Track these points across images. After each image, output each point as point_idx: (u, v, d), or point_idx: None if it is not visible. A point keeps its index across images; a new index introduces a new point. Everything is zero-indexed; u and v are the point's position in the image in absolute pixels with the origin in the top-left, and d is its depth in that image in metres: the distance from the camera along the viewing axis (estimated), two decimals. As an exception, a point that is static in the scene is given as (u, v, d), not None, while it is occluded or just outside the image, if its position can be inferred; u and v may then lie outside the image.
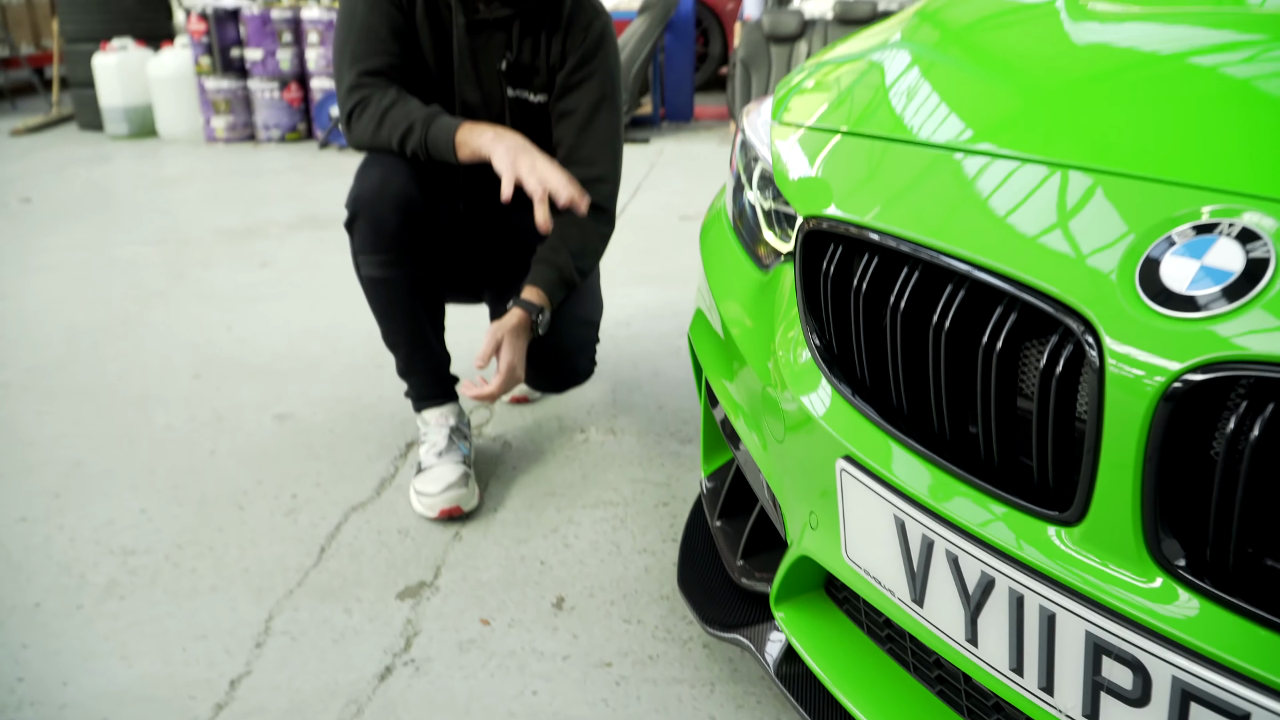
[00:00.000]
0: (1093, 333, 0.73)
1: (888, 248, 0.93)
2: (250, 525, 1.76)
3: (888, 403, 0.96)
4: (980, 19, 1.25)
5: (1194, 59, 0.95)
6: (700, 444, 1.57)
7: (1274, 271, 0.67)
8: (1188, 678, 0.68)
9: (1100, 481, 0.73)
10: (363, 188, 1.67)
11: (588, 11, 1.79)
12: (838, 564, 1.03)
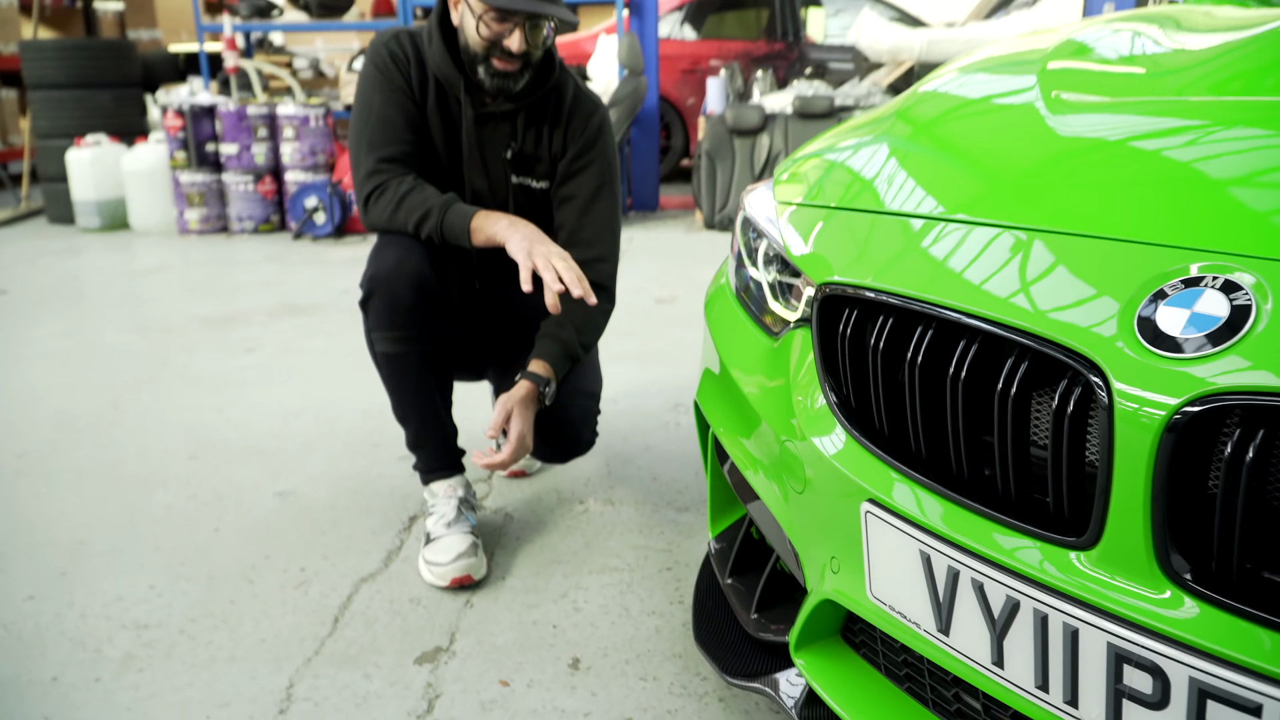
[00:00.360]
0: (1101, 376, 0.83)
1: (905, 308, 1.03)
2: (262, 598, 1.79)
3: (906, 449, 1.05)
4: (964, 113, 1.38)
5: (1157, 141, 1.07)
6: (706, 507, 1.64)
7: (1254, 317, 0.77)
8: (1203, 677, 0.77)
9: (1113, 507, 0.83)
10: (379, 267, 1.76)
11: (586, 105, 1.93)
12: (862, 603, 1.10)
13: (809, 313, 1.25)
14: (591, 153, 1.92)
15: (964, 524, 0.95)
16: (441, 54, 1.84)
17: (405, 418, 1.88)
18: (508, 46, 1.77)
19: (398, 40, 1.88)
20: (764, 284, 1.41)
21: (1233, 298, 0.79)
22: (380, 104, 1.84)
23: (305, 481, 2.28)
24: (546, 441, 1.92)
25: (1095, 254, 0.92)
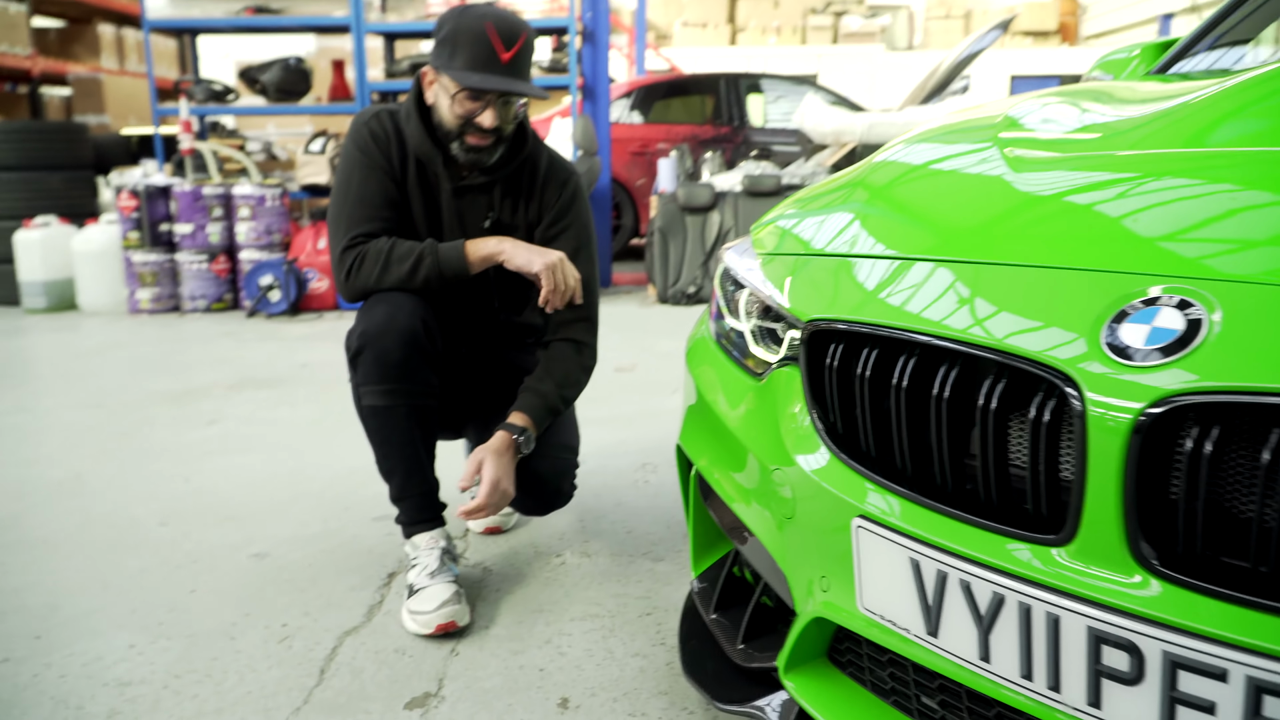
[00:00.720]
0: (1075, 387, 0.92)
1: (891, 338, 1.12)
2: (245, 653, 1.80)
3: (892, 468, 1.13)
4: (928, 170, 1.50)
5: (1110, 189, 1.19)
6: (689, 551, 1.70)
7: (1205, 330, 0.88)
8: (1174, 649, 0.85)
9: (1088, 504, 0.91)
10: (370, 323, 1.82)
11: (560, 173, 2.04)
12: (853, 616, 1.17)
13: (792, 352, 1.34)
14: (567, 218, 2.02)
15: (950, 531, 1.03)
16: (419, 131, 1.94)
17: (390, 471, 1.92)
18: (480, 123, 1.87)
19: (378, 119, 1.97)
20: (745, 331, 1.50)
21: (1186, 313, 0.90)
22: (359, 182, 1.93)
23: (279, 544, 2.29)
24: (528, 493, 1.98)
25: (1063, 282, 1.02)
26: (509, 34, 1.84)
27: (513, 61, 1.85)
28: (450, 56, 1.86)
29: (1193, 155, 1.21)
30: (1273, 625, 0.80)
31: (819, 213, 1.51)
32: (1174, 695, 0.86)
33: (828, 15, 15.14)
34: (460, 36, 1.84)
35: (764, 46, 14.93)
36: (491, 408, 2.05)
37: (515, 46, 1.85)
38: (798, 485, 1.24)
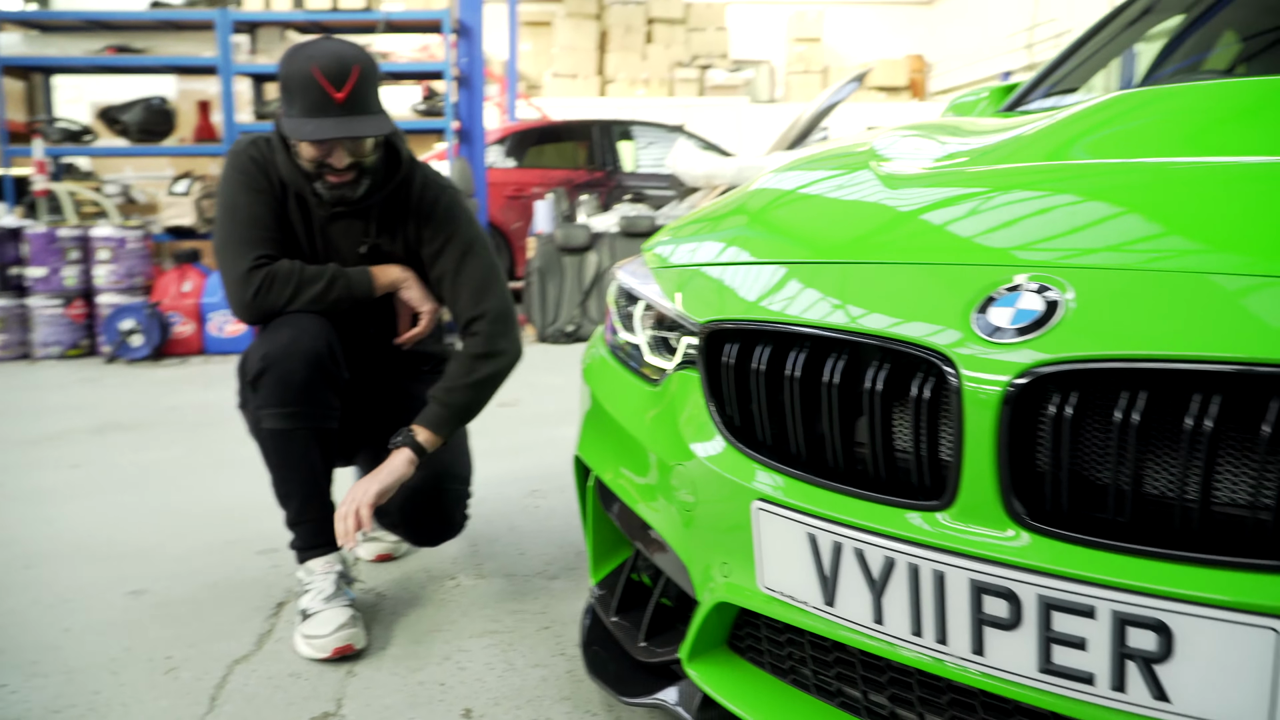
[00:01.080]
0: (951, 366, 1.01)
1: (786, 334, 1.20)
2: (129, 685, 1.74)
3: (787, 454, 1.21)
4: (807, 189, 1.61)
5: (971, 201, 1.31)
6: (589, 557, 1.73)
7: (1063, 309, 0.98)
8: (1046, 592, 0.94)
9: (965, 469, 1.00)
10: (272, 345, 1.81)
11: (433, 189, 2.01)
12: (754, 596, 1.23)
13: (687, 356, 1.40)
14: (447, 228, 1.99)
15: (844, 505, 1.11)
16: (286, 163, 1.92)
17: (288, 494, 1.89)
18: (331, 164, 1.85)
19: (255, 146, 1.96)
20: (640, 343, 1.56)
21: (1044, 296, 1.00)
22: (247, 204, 1.91)
23: (157, 581, 2.22)
24: (419, 525, 1.99)
25: (935, 276, 1.13)
26: (338, 73, 1.79)
27: (349, 100, 1.80)
28: (288, 105, 1.83)
29: (1040, 169, 1.35)
30: (1131, 565, 0.90)
31: (707, 230, 1.60)
32: (1049, 635, 0.95)
33: (694, 68, 15.58)
34: (291, 83, 1.81)
35: (633, 98, 15.23)
36: (384, 435, 2.04)
37: (348, 85, 1.79)
38: (699, 477, 1.30)
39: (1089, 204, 1.18)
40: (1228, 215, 1.05)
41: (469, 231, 2.02)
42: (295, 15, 5.94)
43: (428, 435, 1.89)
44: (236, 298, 1.88)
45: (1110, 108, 1.57)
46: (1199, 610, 0.86)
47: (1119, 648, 0.91)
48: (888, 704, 1.19)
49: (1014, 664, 0.98)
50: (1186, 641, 0.87)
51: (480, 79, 6.07)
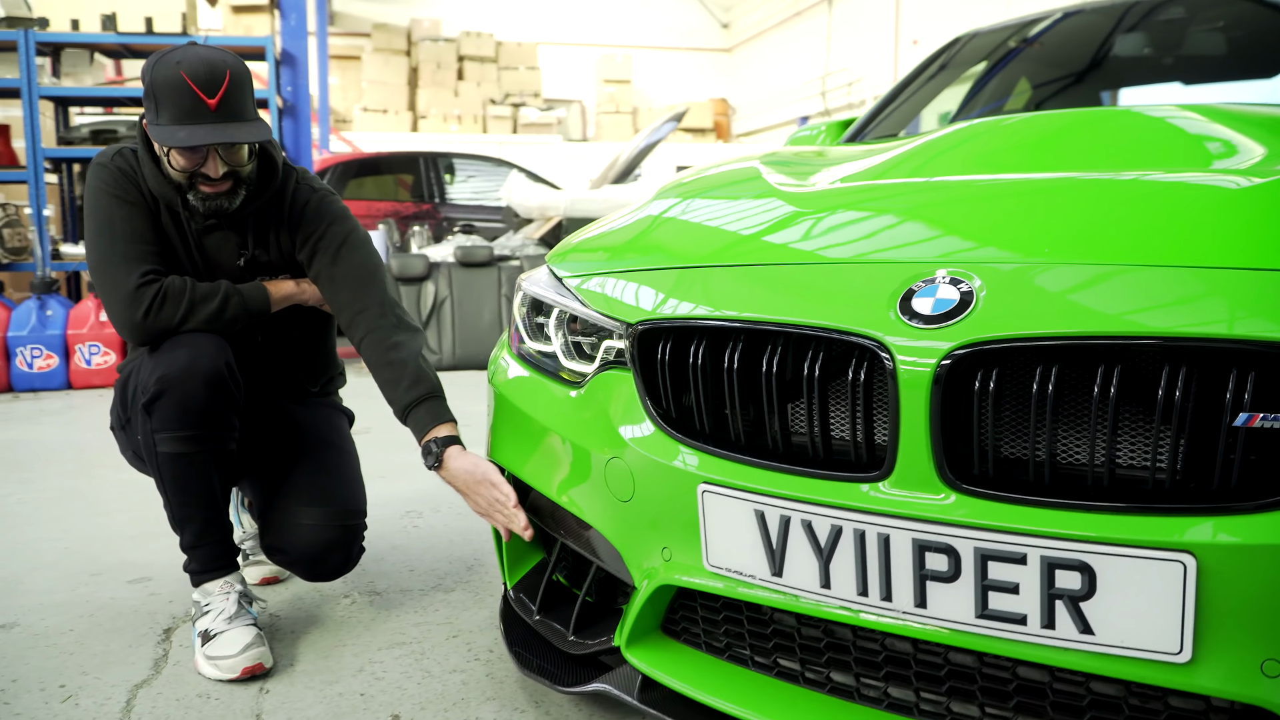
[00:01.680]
0: (886, 350, 1.16)
1: (722, 328, 1.32)
2: (26, 715, 1.65)
3: (726, 440, 1.32)
4: (710, 196, 1.74)
5: (874, 204, 1.48)
6: (502, 562, 1.79)
7: (975, 298, 1.14)
8: (982, 544, 1.09)
9: (902, 442, 1.15)
10: (170, 367, 1.74)
11: (304, 192, 1.98)
12: (699, 576, 1.33)
13: (609, 357, 1.50)
14: (318, 226, 1.96)
15: (789, 483, 1.23)
16: (154, 175, 1.85)
17: (186, 518, 1.84)
18: (206, 173, 1.80)
19: (121, 156, 1.88)
20: (556, 350, 1.65)
21: (959, 288, 1.17)
22: (123, 218, 1.84)
23: (25, 614, 2.10)
24: (320, 563, 1.95)
25: (858, 273, 1.28)
26: (209, 79, 1.73)
27: (222, 105, 1.74)
28: (156, 113, 1.76)
29: (922, 184, 1.53)
30: (1057, 516, 1.06)
31: (619, 241, 1.71)
32: (985, 584, 1.10)
33: (506, 106, 15.71)
34: (159, 89, 1.74)
35: (446, 133, 15.18)
36: (268, 458, 2.01)
37: (220, 90, 1.74)
38: (637, 469, 1.39)
39: (974, 211, 1.36)
40: (1089, 217, 1.25)
41: (342, 226, 1.98)
42: (105, 38, 5.65)
43: (447, 427, 1.83)
44: (124, 317, 1.80)
45: (964, 134, 1.78)
46: (1118, 550, 1.03)
47: (1048, 589, 1.07)
48: (824, 669, 1.33)
49: (954, 613, 1.13)
50: (1108, 579, 1.04)
51: (307, 109, 5.96)
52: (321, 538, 1.92)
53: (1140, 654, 1.04)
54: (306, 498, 1.95)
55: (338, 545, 1.95)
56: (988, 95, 2.97)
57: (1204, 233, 1.17)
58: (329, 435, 2.09)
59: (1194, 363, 1.03)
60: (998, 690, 1.20)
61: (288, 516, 1.94)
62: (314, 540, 1.92)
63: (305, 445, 2.03)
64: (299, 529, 1.92)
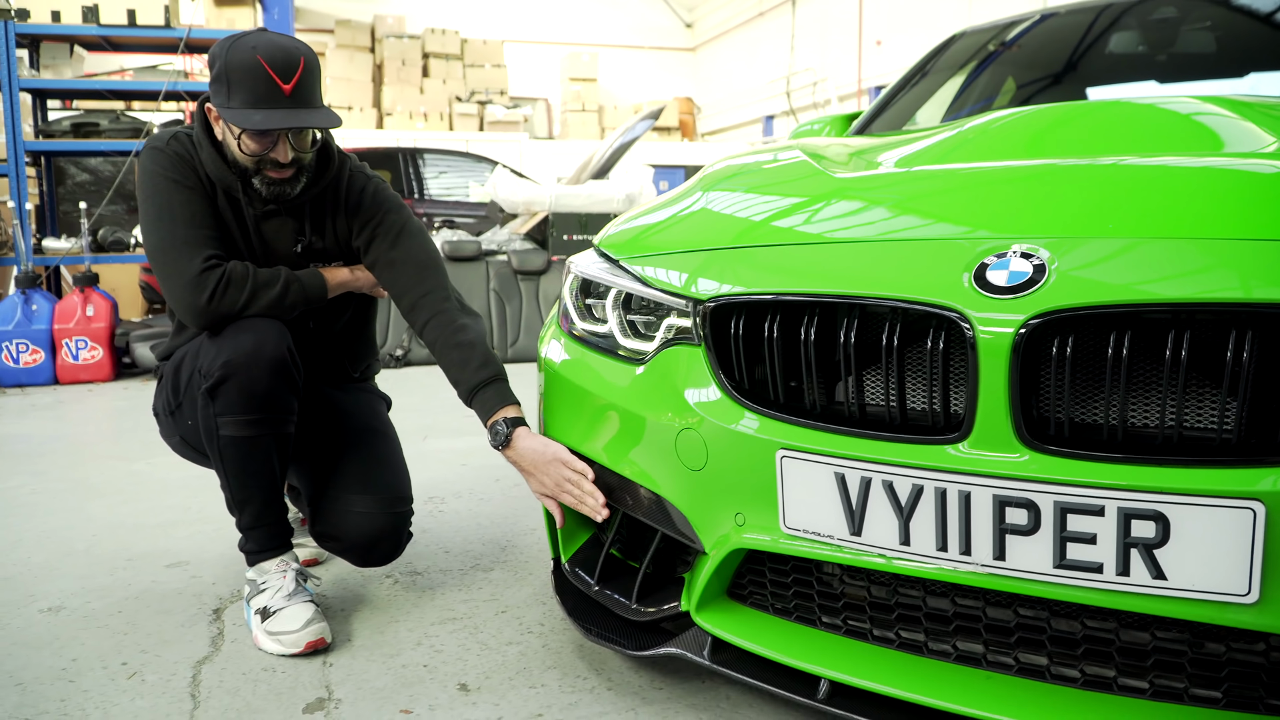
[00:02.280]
0: (966, 320, 1.23)
1: (795, 302, 1.39)
2: (95, 692, 1.68)
3: (800, 408, 1.40)
4: (758, 180, 1.81)
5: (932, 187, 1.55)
6: (556, 538, 1.84)
7: (1048, 270, 1.22)
8: (1061, 498, 1.17)
9: (981, 406, 1.22)
10: (235, 352, 1.77)
11: (359, 179, 2.03)
12: (775, 537, 1.40)
13: (676, 334, 1.56)
14: (377, 213, 2.00)
15: (869, 447, 1.31)
16: (213, 160, 1.87)
17: (245, 500, 1.87)
18: (275, 159, 1.83)
19: (177, 140, 1.90)
20: (613, 329, 1.71)
21: (1030, 261, 1.25)
22: (183, 202, 1.85)
23: (70, 597, 2.12)
24: (373, 550, 1.99)
25: (929, 249, 1.35)
26: (286, 64, 1.77)
27: (296, 91, 1.78)
28: (227, 96, 1.78)
29: (978, 168, 1.61)
30: (1131, 471, 1.14)
31: (678, 222, 1.77)
32: (1064, 535, 1.18)
33: (472, 104, 15.67)
34: (233, 73, 1.77)
35: (413, 130, 15.13)
36: (316, 444, 2.03)
37: (296, 75, 1.77)
38: (711, 439, 1.46)
39: (1033, 191, 1.44)
40: (1145, 196, 1.34)
41: (400, 215, 2.02)
42: (87, 30, 5.60)
43: (513, 409, 1.85)
44: (187, 302, 1.81)
45: (1003, 122, 1.86)
46: (1192, 500, 1.11)
47: (1124, 538, 1.15)
48: (893, 626, 1.40)
49: (1032, 564, 1.20)
50: (1181, 527, 1.12)
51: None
52: (374, 524, 1.96)
53: (1209, 596, 1.13)
54: (357, 486, 1.98)
55: (389, 532, 1.99)
56: (980, 91, 3.07)
57: (1256, 210, 1.25)
58: (373, 422, 2.13)
59: (1259, 326, 1.12)
60: (1066, 639, 1.28)
61: (339, 505, 1.97)
62: (367, 528, 1.96)
63: (352, 432, 2.07)
64: (351, 516, 1.96)
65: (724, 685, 1.67)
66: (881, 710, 1.37)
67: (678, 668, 1.74)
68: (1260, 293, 1.12)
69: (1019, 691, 1.31)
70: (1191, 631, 1.22)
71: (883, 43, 14.02)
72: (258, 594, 1.89)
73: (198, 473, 3.17)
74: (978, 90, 3.09)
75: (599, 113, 17.07)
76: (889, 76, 13.89)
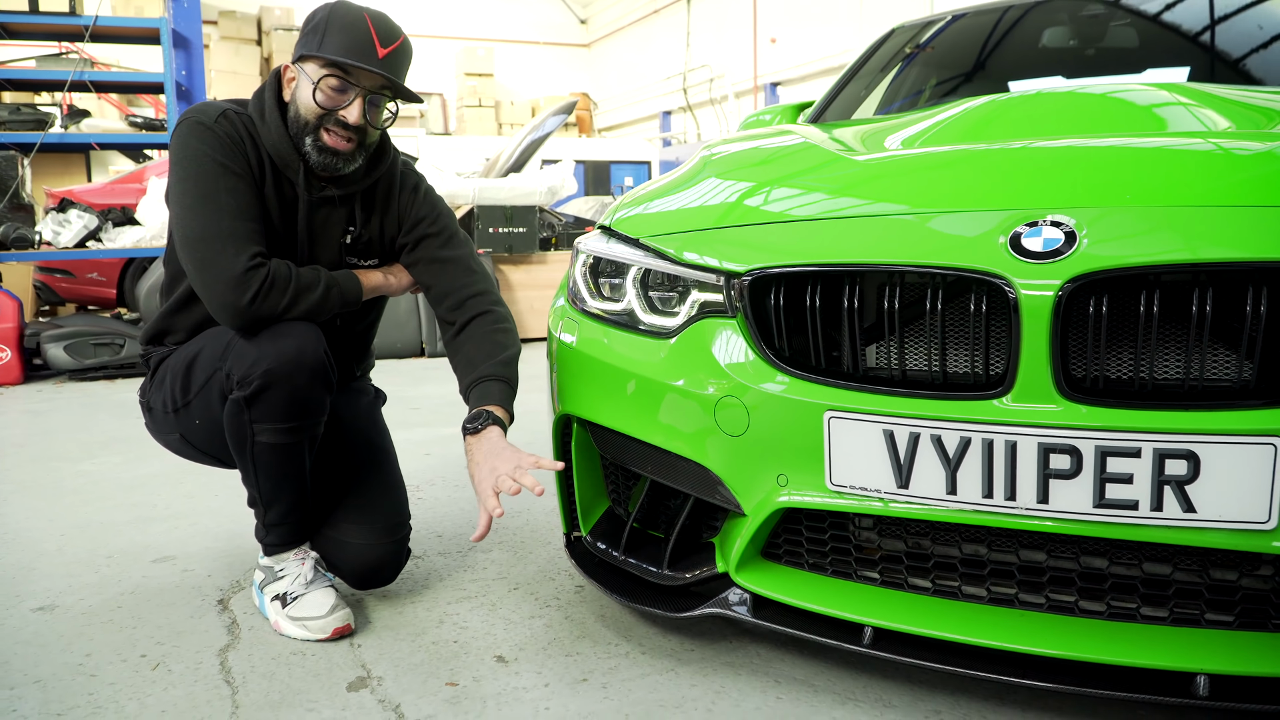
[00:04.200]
0: (1008, 283, 1.33)
1: (835, 272, 1.47)
2: (121, 684, 1.65)
3: (841, 372, 1.48)
4: (758, 157, 1.89)
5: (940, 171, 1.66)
6: (575, 512, 1.89)
7: (1079, 236, 1.33)
8: (1102, 443, 1.28)
9: (1023, 363, 1.33)
10: (277, 361, 1.71)
11: (411, 177, 2.03)
12: (821, 494, 1.48)
13: (694, 311, 1.63)
14: (430, 213, 2.00)
15: (916, 405, 1.40)
16: (279, 132, 1.82)
17: (275, 499, 1.84)
18: (344, 117, 1.78)
19: (226, 119, 1.82)
20: (633, 305, 1.76)
21: (1061, 228, 1.36)
22: (230, 190, 1.77)
23: (59, 595, 2.06)
24: (369, 579, 1.97)
25: (962, 221, 1.45)
26: (387, 32, 1.79)
27: (389, 59, 1.78)
28: (320, 43, 1.76)
29: (988, 148, 1.71)
30: (1165, 416, 1.26)
31: (693, 202, 1.83)
32: (1104, 477, 1.29)
33: (367, 98, 15.42)
34: (334, 23, 1.77)
35: (306, 125, 14.79)
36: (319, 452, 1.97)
37: (393, 44, 1.79)
38: (753, 405, 1.53)
39: (1049, 166, 1.55)
40: (1158, 170, 1.46)
41: (451, 220, 2.04)
42: (-17, 16, 5.34)
43: (503, 412, 1.86)
44: (226, 300, 1.72)
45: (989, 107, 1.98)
46: (1221, 439, 1.23)
47: (1158, 477, 1.27)
48: (929, 574, 1.50)
49: (1073, 505, 1.31)
50: (1210, 464, 1.24)
51: (203, 92, 5.78)
52: (374, 555, 1.94)
53: (1234, 525, 1.26)
54: (355, 515, 1.95)
55: (389, 561, 1.97)
56: (912, 84, 3.22)
57: (1254, 180, 1.39)
58: (372, 434, 2.09)
59: (1271, 282, 1.25)
60: (1094, 574, 1.40)
61: (338, 533, 1.94)
62: (367, 559, 1.94)
63: (352, 449, 2.03)
64: (350, 548, 1.93)
65: (753, 644, 1.75)
66: (922, 650, 1.47)
67: (704, 630, 1.81)
68: (1268, 252, 1.26)
69: (1049, 626, 1.42)
70: (1208, 562, 1.36)
71: (778, 40, 14.33)
72: (274, 581, 1.88)
73: (153, 471, 3.10)
74: (909, 83, 3.23)
75: (496, 108, 16.96)
76: (785, 73, 14.22)
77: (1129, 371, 1.33)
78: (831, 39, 13.09)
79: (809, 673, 1.64)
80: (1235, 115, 1.71)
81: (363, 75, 1.78)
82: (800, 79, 13.97)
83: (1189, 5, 2.79)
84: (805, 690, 1.59)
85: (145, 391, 2.02)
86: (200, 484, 2.93)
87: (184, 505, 2.72)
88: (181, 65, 5.72)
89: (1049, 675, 1.38)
